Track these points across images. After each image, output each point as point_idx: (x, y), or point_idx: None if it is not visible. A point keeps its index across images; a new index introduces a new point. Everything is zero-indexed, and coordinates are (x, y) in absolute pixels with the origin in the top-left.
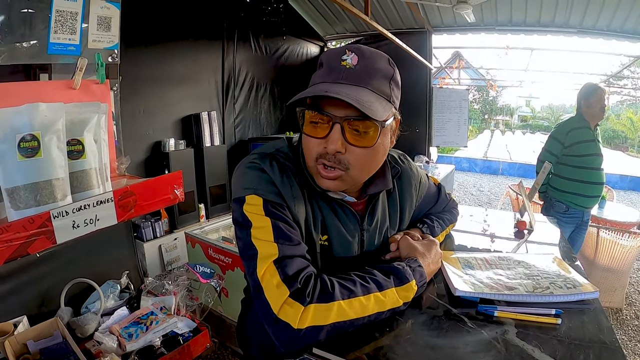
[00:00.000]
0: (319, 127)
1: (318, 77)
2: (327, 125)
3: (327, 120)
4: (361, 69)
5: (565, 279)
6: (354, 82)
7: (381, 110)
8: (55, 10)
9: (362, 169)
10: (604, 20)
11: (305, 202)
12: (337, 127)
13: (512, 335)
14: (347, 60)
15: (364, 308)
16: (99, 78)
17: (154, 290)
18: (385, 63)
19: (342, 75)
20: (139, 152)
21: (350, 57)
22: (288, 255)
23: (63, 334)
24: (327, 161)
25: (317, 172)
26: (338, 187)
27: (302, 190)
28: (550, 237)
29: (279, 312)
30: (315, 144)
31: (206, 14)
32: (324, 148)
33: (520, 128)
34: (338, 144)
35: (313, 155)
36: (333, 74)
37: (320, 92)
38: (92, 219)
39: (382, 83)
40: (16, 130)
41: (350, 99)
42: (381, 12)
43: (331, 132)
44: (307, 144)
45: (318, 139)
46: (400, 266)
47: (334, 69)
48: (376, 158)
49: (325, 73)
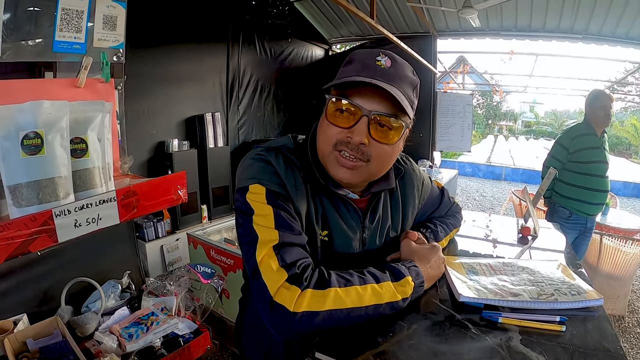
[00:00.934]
0: (345, 117)
1: (351, 71)
2: (354, 117)
3: (356, 112)
4: (395, 72)
5: (570, 286)
6: (389, 81)
7: (410, 112)
8: (61, 9)
9: (381, 165)
10: (609, 26)
11: (307, 196)
12: (364, 119)
13: (516, 342)
14: (382, 62)
15: (361, 297)
16: (103, 77)
17: (155, 290)
18: (411, 72)
19: (377, 73)
20: (143, 152)
21: (384, 59)
22: (288, 243)
23: (63, 333)
24: (348, 150)
25: (333, 160)
26: (353, 179)
27: (305, 184)
28: (554, 244)
29: (275, 294)
30: (337, 132)
31: (212, 16)
32: (346, 137)
33: (523, 134)
34: (363, 136)
35: (332, 142)
36: (368, 70)
37: (368, 79)
38: (94, 218)
39: (409, 89)
40: (20, 128)
41: (394, 91)
42: (386, 15)
43: (358, 124)
44: (328, 131)
45: (341, 128)
46: (395, 265)
47: (369, 67)
48: (392, 157)
49: (359, 68)
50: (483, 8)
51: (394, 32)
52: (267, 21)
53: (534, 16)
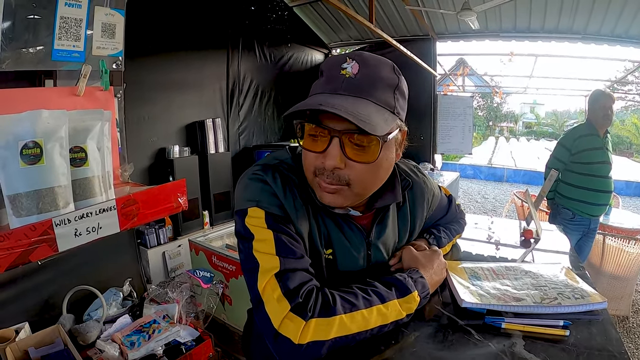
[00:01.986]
0: (318, 141)
1: (318, 86)
2: (326, 139)
3: (326, 133)
4: (362, 78)
5: (574, 289)
6: (353, 92)
7: (382, 124)
8: (59, 17)
9: (365, 185)
10: (608, 26)
11: (309, 216)
12: (335, 141)
13: (519, 347)
14: (347, 69)
15: (367, 321)
16: (103, 85)
17: (156, 298)
18: (389, 71)
19: (341, 85)
20: (144, 158)
21: (350, 65)
22: (290, 269)
23: (64, 341)
24: (325, 178)
25: (317, 187)
26: (340, 203)
27: (305, 203)
28: (557, 246)
29: (279, 326)
30: (314, 158)
31: (211, 22)
32: (321, 163)
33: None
34: (336, 160)
35: (311, 169)
36: (332, 83)
37: (314, 105)
38: (94, 227)
39: (385, 93)
40: (19, 137)
41: (346, 112)
42: (385, 19)
43: (329, 147)
44: (306, 158)
45: (316, 153)
46: (401, 277)
47: (332, 79)
48: (379, 173)
49: (325, 82)
50: (482, 10)
51: (393, 35)
52: (267, 26)
53: (533, 17)
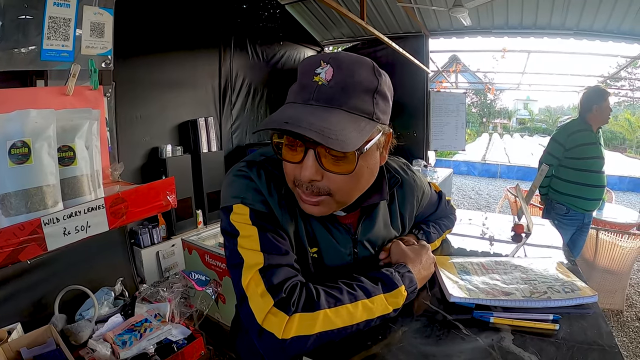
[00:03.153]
0: (295, 151)
1: (291, 93)
2: (302, 150)
3: (301, 144)
4: (335, 85)
5: (564, 283)
6: (325, 102)
7: (355, 137)
8: (48, 17)
9: (346, 193)
10: (600, 21)
11: (294, 213)
12: (310, 152)
13: (508, 342)
14: (321, 75)
15: (352, 316)
16: (92, 84)
17: (148, 297)
18: (367, 73)
19: (312, 95)
20: (136, 158)
21: (324, 70)
22: (274, 264)
23: (57, 341)
24: (304, 189)
25: (298, 197)
26: (323, 212)
27: (291, 200)
28: (549, 240)
29: (263, 321)
30: (292, 169)
31: (203, 21)
32: (299, 173)
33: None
34: (312, 171)
35: (290, 179)
36: (304, 92)
37: (280, 123)
38: (83, 225)
39: (362, 99)
40: (7, 137)
41: (313, 130)
42: (378, 16)
43: (305, 158)
44: (285, 168)
45: (294, 163)
46: (388, 272)
47: (305, 87)
48: (360, 182)
49: (298, 90)
50: (473, 6)
51: (385, 32)
52: (259, 24)
53: (525, 13)
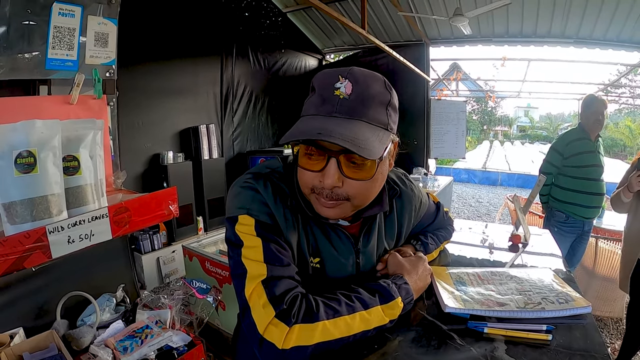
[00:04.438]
0: (315, 160)
1: (311, 106)
2: (323, 159)
3: (323, 154)
4: (356, 99)
5: (558, 294)
6: (348, 114)
7: (378, 146)
8: (53, 26)
9: (363, 199)
10: (599, 30)
11: (298, 225)
12: (333, 161)
13: (501, 352)
14: (341, 89)
15: (349, 327)
16: (96, 93)
17: (149, 303)
18: (380, 87)
19: (335, 107)
20: (138, 164)
21: (344, 85)
22: (276, 276)
23: (58, 346)
24: (324, 196)
25: (315, 201)
26: (339, 215)
27: (295, 212)
28: (546, 250)
29: (264, 332)
30: (311, 178)
31: (205, 29)
32: (319, 182)
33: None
34: (334, 179)
35: (308, 187)
36: (326, 105)
37: (313, 134)
38: (87, 234)
39: (378, 111)
40: (13, 147)
41: (343, 140)
42: (379, 25)
43: (327, 166)
44: (302, 176)
45: (314, 172)
46: (385, 284)
47: (327, 100)
48: (375, 187)
49: (319, 103)
50: (474, 16)
51: (386, 41)
52: (261, 32)
53: (525, 22)
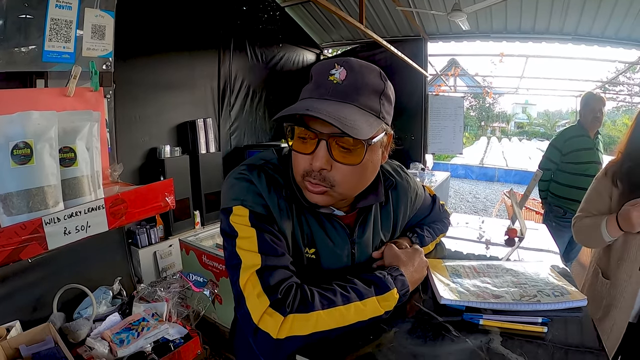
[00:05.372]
0: (307, 143)
1: (307, 91)
2: (314, 142)
3: (314, 136)
4: (349, 85)
5: (554, 287)
6: (340, 98)
7: (366, 128)
8: (50, 19)
9: (350, 186)
10: (598, 27)
11: (292, 215)
12: (322, 143)
13: (496, 343)
14: (335, 75)
15: (344, 317)
16: (92, 86)
17: (146, 296)
18: (375, 77)
19: (328, 91)
20: (135, 158)
21: (338, 71)
22: (271, 266)
23: (55, 339)
24: (312, 179)
25: (305, 188)
26: (326, 202)
27: (289, 203)
28: (542, 245)
29: (259, 321)
30: (302, 160)
31: (203, 22)
32: (310, 165)
33: (516, 135)
34: (323, 161)
35: (300, 171)
36: (320, 89)
37: (301, 109)
38: (83, 225)
39: (371, 99)
40: (9, 138)
41: (330, 117)
42: (377, 20)
43: (317, 149)
44: (295, 160)
45: (305, 154)
46: (381, 275)
47: (321, 85)
48: (365, 175)
49: (313, 88)
50: (472, 11)
51: (384, 36)
52: (258, 26)
53: (524, 18)
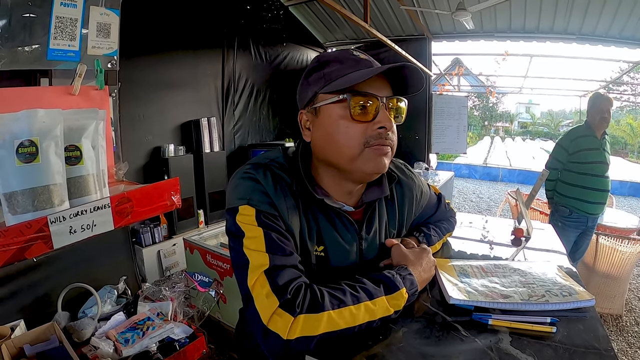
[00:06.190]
0: (365, 111)
1: (346, 68)
2: (373, 107)
3: (374, 102)
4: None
5: (562, 287)
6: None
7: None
8: (55, 17)
9: (396, 145)
10: (602, 26)
11: (299, 213)
12: (382, 107)
13: (506, 344)
14: (362, 55)
15: (354, 317)
16: (98, 84)
17: (151, 295)
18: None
19: (371, 63)
20: (139, 157)
21: (360, 52)
22: (279, 266)
23: (60, 338)
24: (383, 140)
25: (370, 156)
26: (386, 167)
27: (297, 200)
28: (548, 244)
29: (268, 322)
30: (362, 130)
31: (207, 21)
32: (374, 130)
33: (520, 134)
34: (391, 122)
35: (362, 141)
36: (363, 62)
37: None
38: (89, 224)
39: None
40: (15, 136)
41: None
42: (381, 19)
43: (380, 112)
44: (353, 132)
45: (365, 122)
46: (390, 274)
47: (359, 61)
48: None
49: (354, 64)
50: (477, 10)
51: (388, 35)
52: (262, 25)
53: (528, 17)
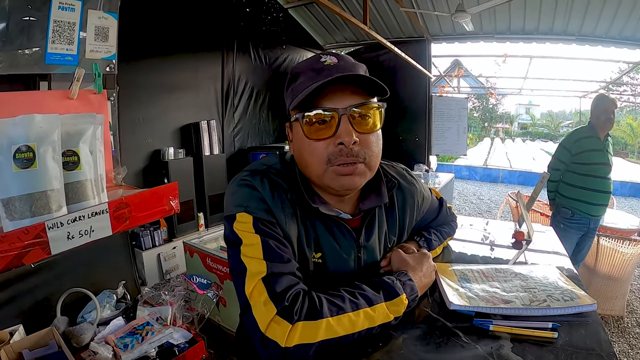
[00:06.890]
0: (325, 127)
1: (305, 81)
2: (334, 122)
3: (333, 115)
4: (344, 64)
5: (563, 291)
6: (345, 72)
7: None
8: (53, 21)
9: (374, 157)
10: (602, 27)
11: (297, 220)
12: (344, 118)
13: (507, 350)
14: (328, 61)
15: (353, 324)
16: (96, 88)
17: (150, 300)
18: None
19: (332, 71)
20: (138, 160)
21: (329, 58)
22: (277, 273)
23: (59, 343)
24: (345, 157)
25: (332, 175)
26: (359, 183)
27: (294, 207)
28: (549, 247)
29: (266, 330)
30: (324, 147)
31: (206, 23)
32: (335, 146)
33: (520, 135)
34: (352, 135)
35: (324, 159)
36: (323, 72)
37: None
38: (87, 230)
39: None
40: (12, 141)
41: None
42: (380, 21)
43: (341, 125)
44: (315, 150)
45: (327, 139)
46: (390, 280)
47: (321, 70)
48: (379, 144)
49: (314, 75)
50: (476, 12)
51: (388, 37)
52: (262, 28)
53: (527, 19)
